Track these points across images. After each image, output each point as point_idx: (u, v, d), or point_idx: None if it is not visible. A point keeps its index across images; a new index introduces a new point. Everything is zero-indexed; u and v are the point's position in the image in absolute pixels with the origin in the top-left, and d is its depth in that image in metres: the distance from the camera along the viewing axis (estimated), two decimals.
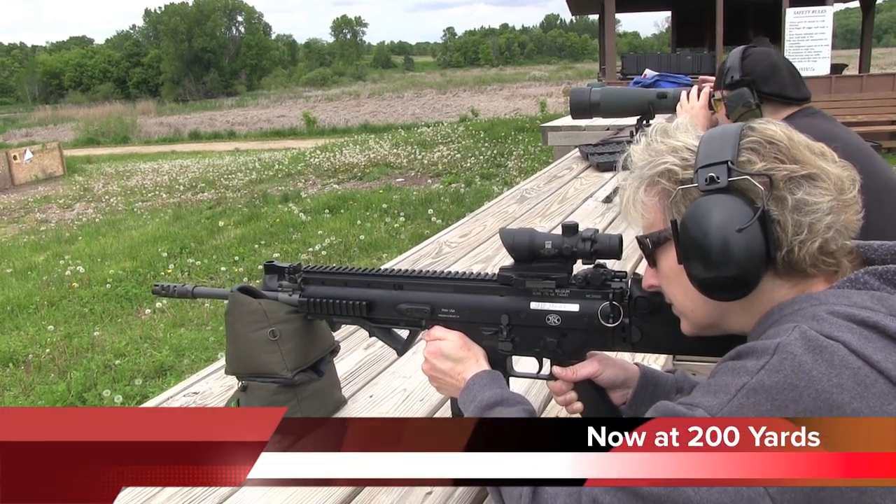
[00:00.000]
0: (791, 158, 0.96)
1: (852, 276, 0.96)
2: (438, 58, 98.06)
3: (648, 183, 1.06)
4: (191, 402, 1.68)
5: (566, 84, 31.84)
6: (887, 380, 0.85)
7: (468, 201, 9.42)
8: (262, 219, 9.07)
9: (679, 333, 1.27)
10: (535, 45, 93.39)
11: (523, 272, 1.30)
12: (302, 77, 62.99)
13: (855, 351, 0.86)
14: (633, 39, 48.12)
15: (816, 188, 0.95)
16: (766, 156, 0.97)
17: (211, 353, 5.23)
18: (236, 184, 12.21)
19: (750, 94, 2.62)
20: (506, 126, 16.75)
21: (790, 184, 0.96)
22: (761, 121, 1.01)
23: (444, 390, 1.37)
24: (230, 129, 29.15)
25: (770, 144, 0.97)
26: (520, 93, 37.72)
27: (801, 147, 0.97)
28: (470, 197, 9.68)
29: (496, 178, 11.54)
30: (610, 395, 1.34)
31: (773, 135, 0.97)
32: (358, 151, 14.00)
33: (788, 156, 0.96)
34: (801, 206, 0.95)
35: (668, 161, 1.04)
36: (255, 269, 7.04)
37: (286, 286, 1.47)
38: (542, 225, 3.13)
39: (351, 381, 1.72)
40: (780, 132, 0.98)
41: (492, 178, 11.63)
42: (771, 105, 2.62)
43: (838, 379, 0.84)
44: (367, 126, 26.23)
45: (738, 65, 2.66)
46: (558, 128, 6.56)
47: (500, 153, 13.53)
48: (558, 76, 49.35)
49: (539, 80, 46.44)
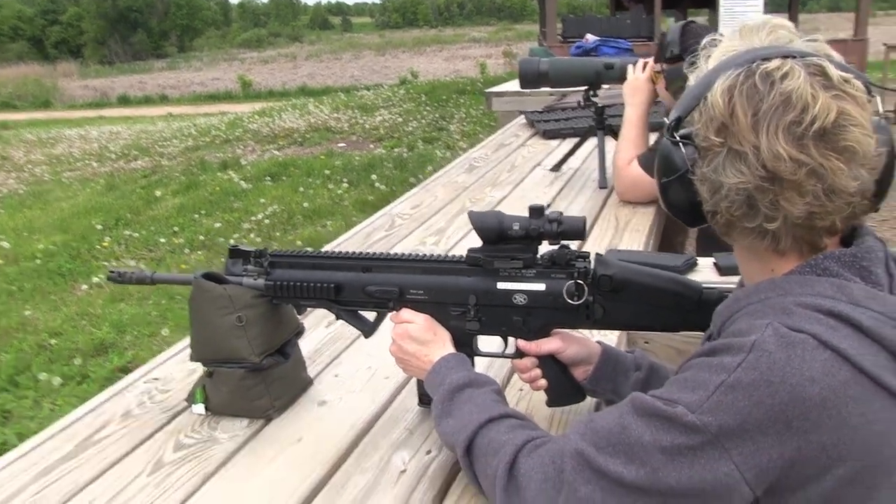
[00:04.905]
0: (722, 131, 0.97)
1: (813, 262, 0.99)
2: (377, 18, 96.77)
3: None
4: (152, 389, 1.66)
5: (505, 45, 31.70)
6: (852, 366, 0.89)
7: (411, 166, 9.37)
8: (200, 187, 8.89)
9: (639, 311, 1.33)
10: (474, 5, 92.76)
11: (491, 253, 1.33)
12: (236, 38, 61.53)
13: (823, 342, 0.90)
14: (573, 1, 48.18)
15: (732, 166, 0.97)
16: (705, 121, 1.00)
17: (154, 329, 5.14)
18: (172, 151, 11.90)
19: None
20: (447, 89, 16.65)
21: (708, 153, 1.00)
22: (733, 81, 0.98)
23: (411, 371, 1.40)
24: (162, 92, 28.38)
25: (712, 110, 0.98)
26: (459, 54, 37.49)
27: (740, 120, 0.95)
28: (413, 161, 9.63)
29: (438, 142, 11.50)
30: (572, 371, 1.39)
31: (716, 104, 0.98)
32: (297, 116, 13.77)
33: (720, 128, 0.97)
34: (707, 178, 1.00)
35: (690, 81, 1.09)
36: (196, 239, 6.92)
37: (251, 270, 1.47)
38: (493, 194, 3.16)
39: (315, 360, 1.72)
40: (721, 103, 0.97)
41: (434, 142, 11.58)
42: None
43: (809, 372, 0.88)
44: (304, 89, 25.82)
45: (677, 40, 2.74)
46: (503, 93, 6.57)
47: (441, 116, 13.45)
48: (498, 37, 49.10)
49: (478, 42, 46.18)
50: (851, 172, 0.94)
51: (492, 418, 1.16)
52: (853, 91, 0.95)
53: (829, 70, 0.95)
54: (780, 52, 0.98)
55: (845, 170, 0.93)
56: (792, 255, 1.01)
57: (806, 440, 0.88)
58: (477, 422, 1.15)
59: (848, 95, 0.94)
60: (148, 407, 1.59)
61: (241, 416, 1.50)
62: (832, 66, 0.96)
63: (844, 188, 0.94)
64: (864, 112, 0.95)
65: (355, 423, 1.46)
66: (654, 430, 0.94)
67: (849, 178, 0.94)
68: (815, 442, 0.88)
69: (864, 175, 0.95)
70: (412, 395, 1.51)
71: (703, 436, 0.90)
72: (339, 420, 1.48)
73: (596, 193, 3.06)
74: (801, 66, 0.95)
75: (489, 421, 1.15)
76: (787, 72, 0.94)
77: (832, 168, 0.93)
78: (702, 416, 0.90)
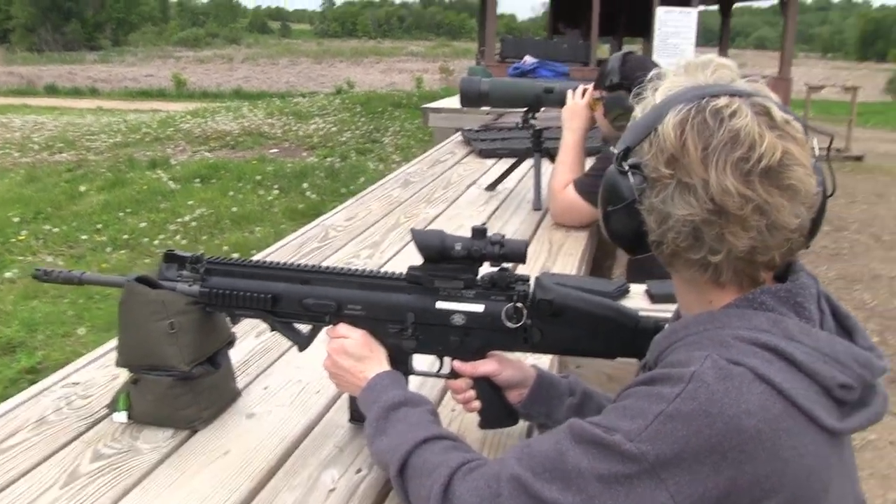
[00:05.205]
0: (672, 163, 0.98)
1: (750, 296, 1.01)
2: (316, 26, 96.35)
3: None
4: (71, 394, 1.60)
5: (443, 62, 31.93)
6: (785, 399, 0.91)
7: (343, 177, 9.32)
8: (127, 185, 8.64)
9: (577, 336, 1.34)
10: (414, 20, 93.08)
11: (432, 272, 1.32)
12: (173, 36, 60.39)
13: (760, 375, 0.92)
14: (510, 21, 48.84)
15: (681, 198, 0.98)
16: (655, 152, 1.01)
17: (69, 328, 4.96)
18: (99, 146, 11.55)
19: (626, 97, 2.73)
20: (383, 101, 16.63)
21: (657, 184, 1.00)
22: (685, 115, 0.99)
23: (344, 387, 1.38)
24: (92, 85, 27.61)
25: (664, 142, 0.99)
26: (396, 67, 37.57)
27: (691, 153, 0.96)
28: (345, 172, 9.58)
29: (372, 154, 11.46)
30: (507, 394, 1.38)
31: (668, 136, 0.98)
32: (231, 119, 13.57)
33: (670, 160, 0.98)
34: (655, 208, 1.01)
35: (636, 112, 1.09)
36: (120, 238, 6.73)
37: (186, 276, 1.43)
38: (428, 211, 3.15)
39: (243, 371, 1.68)
40: (673, 136, 0.98)
41: (367, 153, 11.54)
42: None
43: (746, 405, 0.90)
44: (239, 92, 25.49)
45: (617, 69, 2.79)
46: (440, 109, 6.59)
47: (376, 129, 13.42)
48: (435, 53, 49.38)
49: (416, 56, 46.37)
50: (793, 210, 0.96)
51: (427, 438, 1.14)
52: (794, 132, 0.98)
53: (774, 111, 0.98)
54: (727, 90, 1.00)
55: (788, 207, 0.96)
56: (731, 288, 1.03)
57: (741, 471, 0.90)
58: (412, 441, 1.14)
59: (790, 136, 0.97)
60: (65, 413, 1.53)
61: (165, 425, 1.45)
62: (776, 107, 0.98)
63: (786, 224, 0.96)
64: (804, 152, 0.97)
65: (284, 438, 1.43)
66: (592, 457, 0.94)
67: (791, 216, 0.96)
68: (750, 473, 0.90)
69: (804, 213, 0.98)
70: (343, 411, 1.49)
71: (641, 464, 0.91)
72: (268, 434, 1.44)
73: (530, 215, 3.08)
74: (747, 105, 0.97)
75: (424, 441, 1.14)
76: (735, 110, 0.96)
77: (776, 205, 0.95)
78: (640, 444, 0.91)
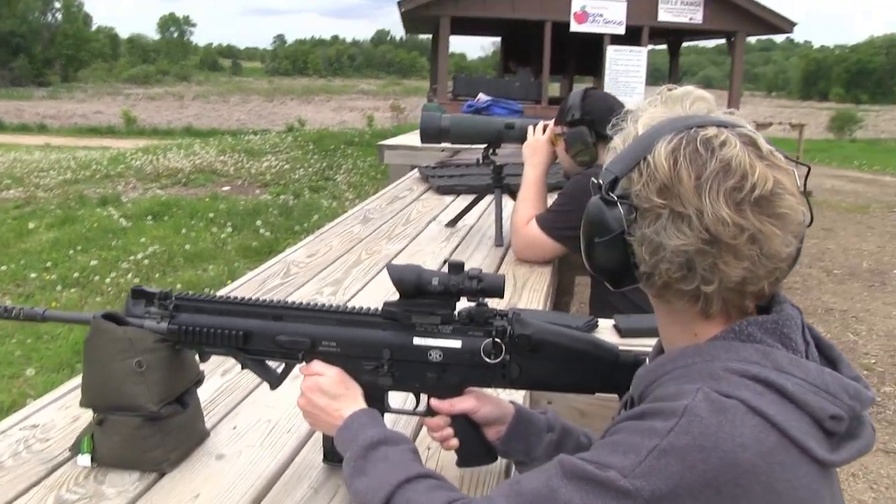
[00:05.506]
0: (664, 193, 0.97)
1: (737, 328, 1.00)
2: (267, 64, 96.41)
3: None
4: (29, 437, 1.54)
5: (393, 100, 32.13)
6: (779, 432, 0.91)
7: (297, 214, 9.28)
8: (78, 222, 8.50)
9: (556, 371, 1.32)
10: (364, 58, 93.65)
11: (409, 308, 1.30)
12: (123, 73, 59.96)
13: (752, 408, 0.91)
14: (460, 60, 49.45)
15: (675, 228, 0.97)
16: (645, 182, 0.99)
17: (17, 370, 4.82)
18: (49, 183, 11.36)
19: (588, 132, 2.79)
20: (335, 139, 16.65)
21: (648, 214, 0.99)
22: (676, 144, 0.99)
23: (319, 426, 1.34)
24: (41, 121, 27.27)
25: (655, 171, 0.98)
26: (347, 105, 37.74)
27: (685, 183, 0.96)
28: (299, 210, 9.54)
29: (325, 192, 11.45)
30: (485, 431, 1.36)
31: (660, 165, 0.98)
32: (182, 156, 13.44)
33: (662, 189, 0.98)
34: (647, 239, 1.00)
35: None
36: (70, 276, 6.58)
37: (154, 313, 1.39)
38: (389, 247, 3.13)
39: (210, 410, 1.63)
40: (666, 166, 0.98)
41: (321, 191, 11.53)
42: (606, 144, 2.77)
43: (741, 439, 0.89)
44: (190, 129, 25.34)
45: (578, 104, 2.82)
46: (395, 146, 6.61)
47: (328, 166, 13.43)
48: (386, 91, 49.72)
49: (367, 94, 46.66)
50: (785, 239, 0.96)
51: (409, 478, 1.12)
52: (779, 162, 0.98)
53: (759, 141, 0.99)
54: (712, 120, 1.00)
55: (780, 236, 0.96)
56: (718, 320, 1.02)
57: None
58: (394, 481, 1.11)
59: (777, 166, 0.97)
60: (24, 458, 1.46)
61: (131, 468, 1.40)
62: (761, 138, 0.99)
63: (778, 253, 0.96)
64: (792, 182, 0.98)
65: (256, 480, 1.39)
66: (585, 494, 0.92)
67: (782, 244, 0.96)
68: None
69: (793, 241, 0.98)
70: (316, 450, 1.45)
71: (636, 501, 0.89)
72: (239, 475, 1.40)
73: (493, 251, 3.08)
74: (734, 135, 0.98)
75: (406, 480, 1.11)
76: (724, 140, 0.97)
77: (769, 234, 0.95)
78: (634, 480, 0.90)
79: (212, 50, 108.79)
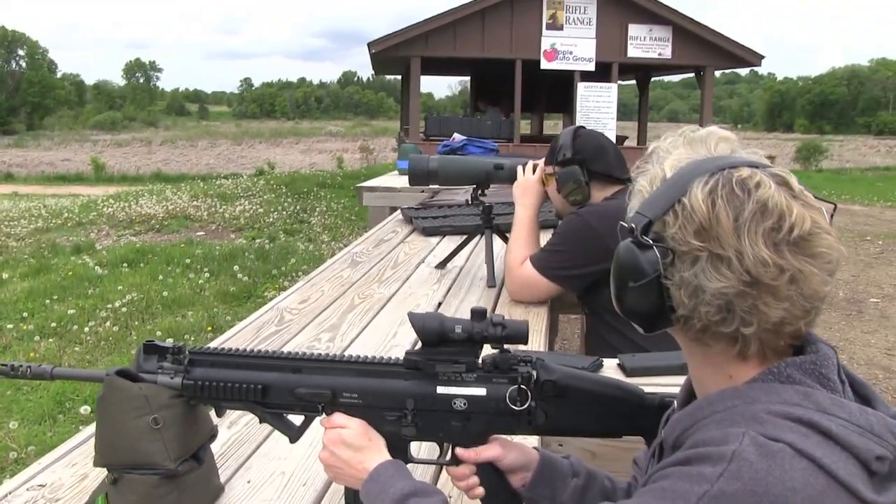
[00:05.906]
0: (702, 235, 0.97)
1: (775, 370, 1.00)
2: (234, 108, 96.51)
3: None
4: (38, 498, 1.49)
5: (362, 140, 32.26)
6: (826, 474, 0.90)
7: (274, 258, 9.24)
8: (52, 271, 8.39)
9: (582, 416, 1.31)
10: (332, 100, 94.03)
11: (431, 356, 1.28)
12: (90, 119, 59.72)
13: (800, 451, 0.90)
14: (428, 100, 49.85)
15: (714, 270, 0.96)
16: (682, 224, 0.99)
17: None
18: (20, 232, 11.24)
19: (580, 171, 2.80)
20: (307, 181, 16.67)
21: (686, 257, 0.98)
22: (713, 185, 0.98)
23: (342, 480, 1.31)
24: (7, 170, 27.08)
25: (693, 213, 0.98)
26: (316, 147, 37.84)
27: (723, 225, 0.96)
28: (275, 253, 9.50)
29: (301, 235, 11.43)
30: (509, 478, 1.34)
31: (698, 208, 0.97)
32: (155, 202, 13.37)
33: (699, 231, 0.97)
34: (686, 282, 0.99)
35: (641, 185, 1.07)
36: (48, 326, 6.47)
37: (167, 368, 1.36)
38: (381, 291, 3.11)
39: (221, 464, 1.60)
40: (704, 208, 0.97)
41: (296, 234, 11.50)
42: (599, 182, 2.80)
43: (791, 483, 0.88)
44: (159, 175, 25.26)
45: (569, 143, 2.83)
46: (374, 188, 6.62)
47: (302, 209, 13.42)
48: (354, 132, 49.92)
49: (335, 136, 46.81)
50: (822, 277, 0.96)
51: None
52: (812, 201, 0.99)
53: (791, 181, 0.99)
54: (744, 161, 1.01)
55: (819, 275, 0.96)
56: (753, 361, 1.01)
57: None
58: None
59: (810, 205, 0.98)
60: None
61: None
62: (793, 178, 0.99)
63: (816, 293, 0.96)
64: (825, 220, 0.98)
65: None
66: None
67: (821, 283, 0.96)
68: None
69: (829, 280, 0.98)
70: (334, 502, 1.42)
71: None
72: None
73: (486, 292, 3.07)
74: (767, 175, 0.98)
75: None
76: (759, 181, 0.97)
77: (808, 273, 0.95)
78: None
79: (178, 94, 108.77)
